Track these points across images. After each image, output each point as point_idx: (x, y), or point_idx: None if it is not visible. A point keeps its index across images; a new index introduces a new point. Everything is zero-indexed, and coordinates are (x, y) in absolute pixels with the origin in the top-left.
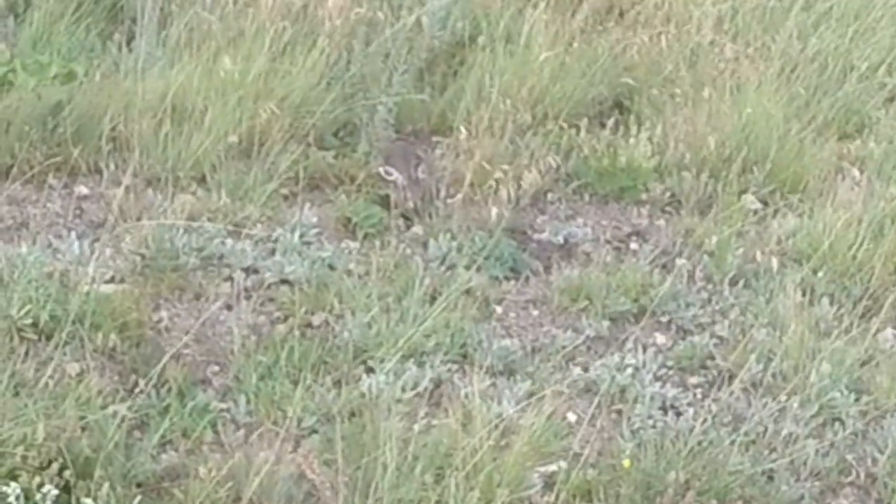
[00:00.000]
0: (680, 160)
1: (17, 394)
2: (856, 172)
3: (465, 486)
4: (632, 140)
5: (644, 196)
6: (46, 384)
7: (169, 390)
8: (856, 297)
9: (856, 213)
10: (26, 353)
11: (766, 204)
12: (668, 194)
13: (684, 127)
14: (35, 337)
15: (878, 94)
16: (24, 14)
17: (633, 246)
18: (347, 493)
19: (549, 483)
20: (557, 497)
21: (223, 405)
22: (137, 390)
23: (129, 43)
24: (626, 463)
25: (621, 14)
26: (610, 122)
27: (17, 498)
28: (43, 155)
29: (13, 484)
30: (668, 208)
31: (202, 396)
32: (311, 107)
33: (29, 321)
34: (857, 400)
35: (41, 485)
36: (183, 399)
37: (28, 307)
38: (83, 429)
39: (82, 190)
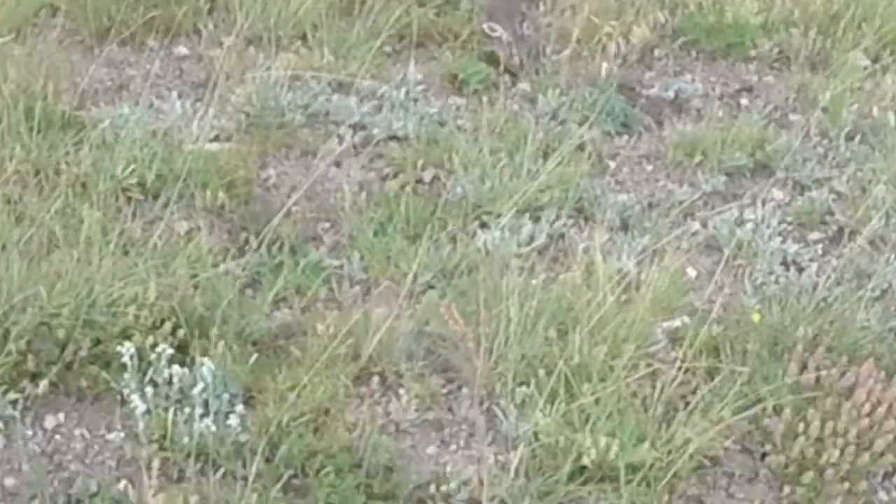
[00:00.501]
0: (787, 17)
1: (126, 253)
2: None
3: (589, 341)
4: None
5: (752, 53)
6: (155, 244)
7: (281, 248)
8: None
9: None
10: (133, 213)
11: (875, 61)
12: (776, 51)
13: None
14: (141, 196)
15: None
16: None
17: (744, 102)
18: (472, 347)
19: (674, 338)
20: (685, 353)
21: (336, 262)
22: (248, 248)
23: None
24: (755, 317)
25: None
26: None
27: (132, 357)
28: (140, 16)
29: (127, 343)
30: (776, 65)
31: (315, 254)
32: None
33: (134, 181)
34: None
35: (155, 344)
36: (295, 256)
37: (133, 166)
38: (195, 287)
39: (182, 50)
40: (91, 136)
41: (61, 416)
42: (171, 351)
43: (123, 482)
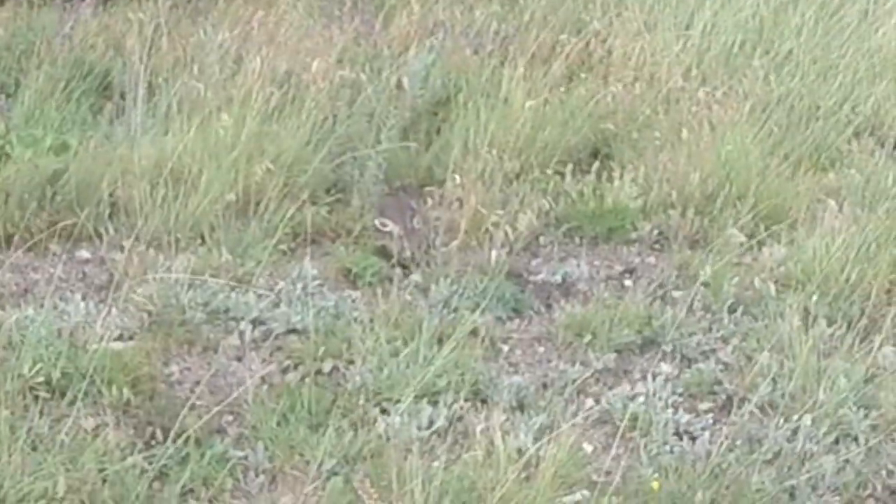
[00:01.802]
0: (665, 199)
1: (34, 449)
2: (833, 203)
3: None
4: (616, 183)
5: (633, 235)
6: (63, 440)
7: (186, 441)
8: (853, 317)
9: (844, 238)
10: (41, 411)
11: (751, 237)
12: (655, 232)
13: (666, 167)
14: (48, 395)
15: (846, 129)
16: (14, 93)
17: (628, 283)
18: None
19: None
20: None
21: (241, 453)
22: (155, 442)
23: (119, 115)
24: (655, 485)
25: (591, 68)
26: (594, 167)
27: None
28: (43, 222)
29: None
30: (656, 246)
31: (220, 445)
32: (303, 165)
33: (41, 379)
34: (866, 416)
35: None
36: (201, 449)
37: (39, 366)
38: (104, 481)
39: (84, 254)
40: None
41: None
42: None
43: None
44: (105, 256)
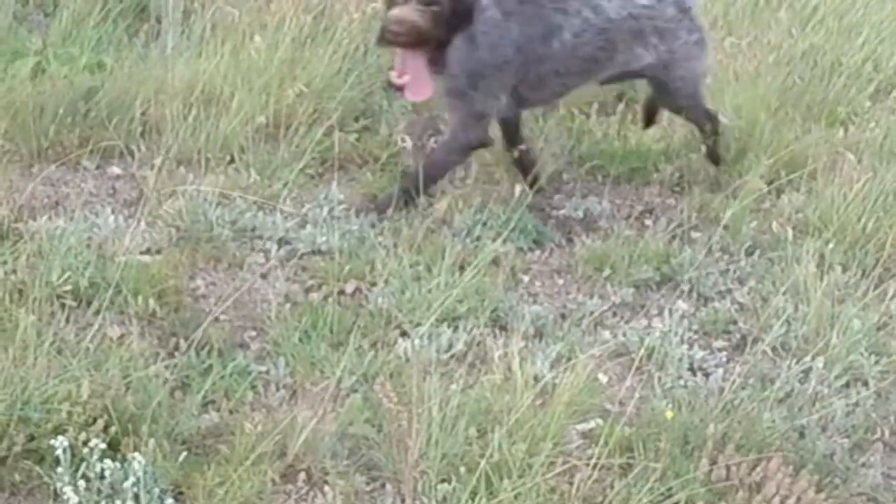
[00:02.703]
0: (687, 143)
1: (60, 354)
2: (851, 156)
3: (508, 440)
4: (640, 125)
5: (655, 176)
6: (88, 347)
7: (209, 353)
8: (868, 266)
9: (861, 189)
10: (67, 319)
11: (771, 183)
12: (677, 175)
13: None
14: (75, 303)
15: (868, 86)
16: (52, 12)
17: (648, 222)
18: (405, 427)
19: (589, 438)
20: (600, 452)
21: (262, 368)
22: (178, 352)
23: (154, 37)
24: (669, 414)
25: None
26: (618, 109)
27: (65, 452)
28: (77, 138)
29: (60, 438)
30: (677, 188)
31: (242, 359)
32: (333, 92)
33: (69, 288)
34: (877, 361)
35: (88, 440)
36: (223, 361)
37: (67, 274)
38: (127, 387)
39: (115, 170)
40: (28, 247)
41: None
42: (103, 447)
43: None
44: (136, 173)
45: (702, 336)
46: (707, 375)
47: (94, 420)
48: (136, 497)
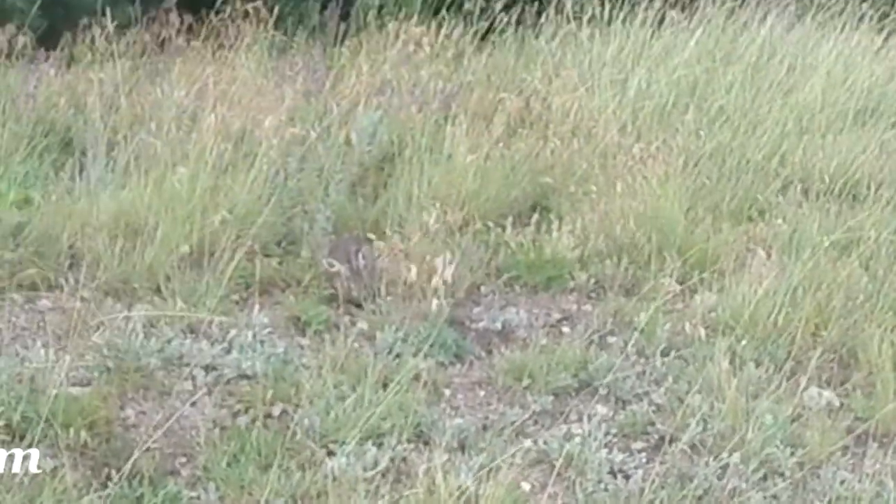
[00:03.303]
0: (600, 250)
1: None
2: (761, 251)
3: None
4: (554, 234)
5: (571, 284)
6: (22, 480)
7: (140, 482)
8: (780, 360)
9: (770, 284)
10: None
11: (683, 283)
12: (592, 281)
13: (601, 220)
14: (9, 437)
15: (774, 181)
16: None
17: (565, 329)
18: None
19: None
20: None
21: (193, 493)
22: (111, 483)
23: (80, 171)
24: None
25: (532, 124)
26: (533, 219)
27: None
28: (6, 273)
29: None
30: (593, 294)
31: (173, 486)
32: (255, 218)
33: (2, 423)
34: (792, 453)
35: None
36: (154, 489)
37: (0, 409)
38: None
39: (45, 303)
40: None
41: None
42: None
43: None
44: (65, 305)
45: (621, 439)
46: (627, 477)
47: None
48: None
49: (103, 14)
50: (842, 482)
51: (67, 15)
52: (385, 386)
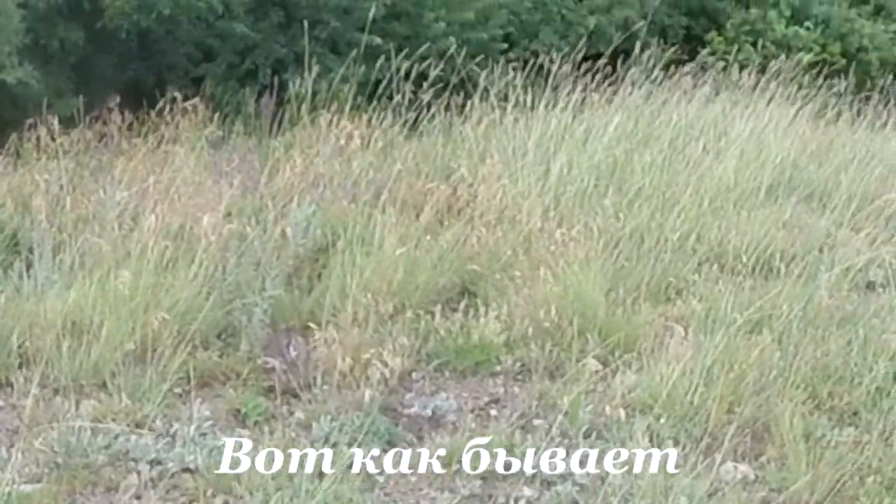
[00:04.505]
0: (525, 333)
1: None
2: (681, 330)
3: None
4: (481, 320)
5: (498, 368)
6: None
7: None
8: (697, 437)
9: (687, 364)
10: None
11: (605, 364)
12: (518, 364)
13: (526, 304)
14: None
15: (691, 259)
16: None
17: (493, 412)
18: None
19: None
20: None
21: None
22: None
23: (28, 270)
24: None
25: (459, 211)
26: (461, 306)
27: None
28: None
29: None
30: (520, 376)
31: None
32: (196, 313)
33: None
34: None
35: None
36: None
37: None
38: None
39: None
40: None
41: None
42: None
43: None
44: (16, 403)
45: None
46: None
47: None
48: None
49: (49, 108)
50: None
51: (17, 109)
52: (321, 475)
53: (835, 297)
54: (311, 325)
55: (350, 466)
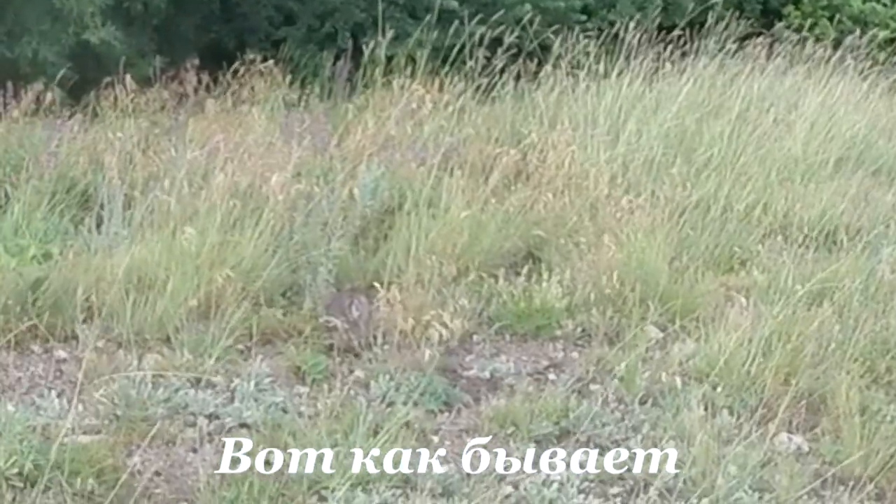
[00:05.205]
0: (587, 299)
1: None
2: (742, 299)
3: None
4: (544, 284)
5: (558, 332)
6: None
7: None
8: (752, 407)
9: (746, 333)
10: (13, 500)
11: (664, 331)
12: (579, 329)
13: (589, 270)
14: (21, 484)
15: (756, 230)
16: (5, 205)
17: (552, 377)
18: None
19: None
20: None
21: None
22: None
23: (98, 226)
24: None
25: (528, 177)
26: (524, 270)
27: None
28: (24, 325)
29: None
30: (579, 342)
31: None
32: (261, 271)
33: (15, 471)
34: (760, 498)
35: None
36: None
37: (14, 458)
38: None
39: (60, 354)
40: None
41: None
42: None
43: None
44: (80, 356)
45: (598, 484)
46: None
47: None
48: None
49: (129, 68)
50: None
51: (99, 68)
52: (376, 433)
53: None
54: (375, 285)
55: (406, 425)
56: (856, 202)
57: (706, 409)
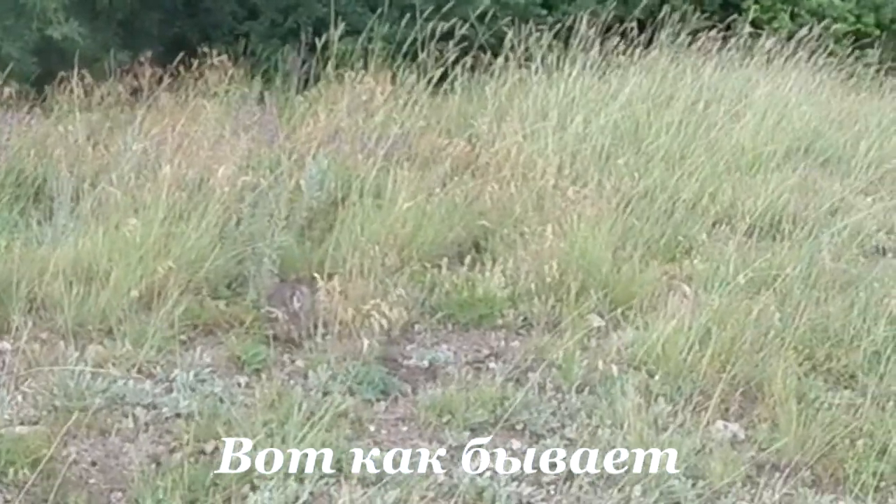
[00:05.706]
0: (529, 289)
1: None
2: (685, 288)
3: None
4: (487, 274)
5: (500, 321)
6: None
7: None
8: (688, 394)
9: (684, 321)
10: None
11: (604, 319)
12: (521, 318)
13: (532, 260)
14: None
15: (702, 220)
16: None
17: (491, 365)
18: None
19: None
20: None
21: None
22: None
23: (49, 218)
24: None
25: (476, 168)
26: (468, 260)
27: None
28: None
29: None
30: (521, 331)
31: None
32: (205, 262)
33: None
34: (693, 485)
35: None
36: None
37: None
38: None
39: (3, 345)
40: None
41: None
42: None
43: None
44: (22, 347)
45: (531, 472)
46: None
47: None
48: None
49: (93, 63)
50: None
51: (63, 63)
52: (312, 422)
53: (840, 260)
54: (320, 276)
55: (342, 414)
56: (802, 191)
57: (642, 396)
